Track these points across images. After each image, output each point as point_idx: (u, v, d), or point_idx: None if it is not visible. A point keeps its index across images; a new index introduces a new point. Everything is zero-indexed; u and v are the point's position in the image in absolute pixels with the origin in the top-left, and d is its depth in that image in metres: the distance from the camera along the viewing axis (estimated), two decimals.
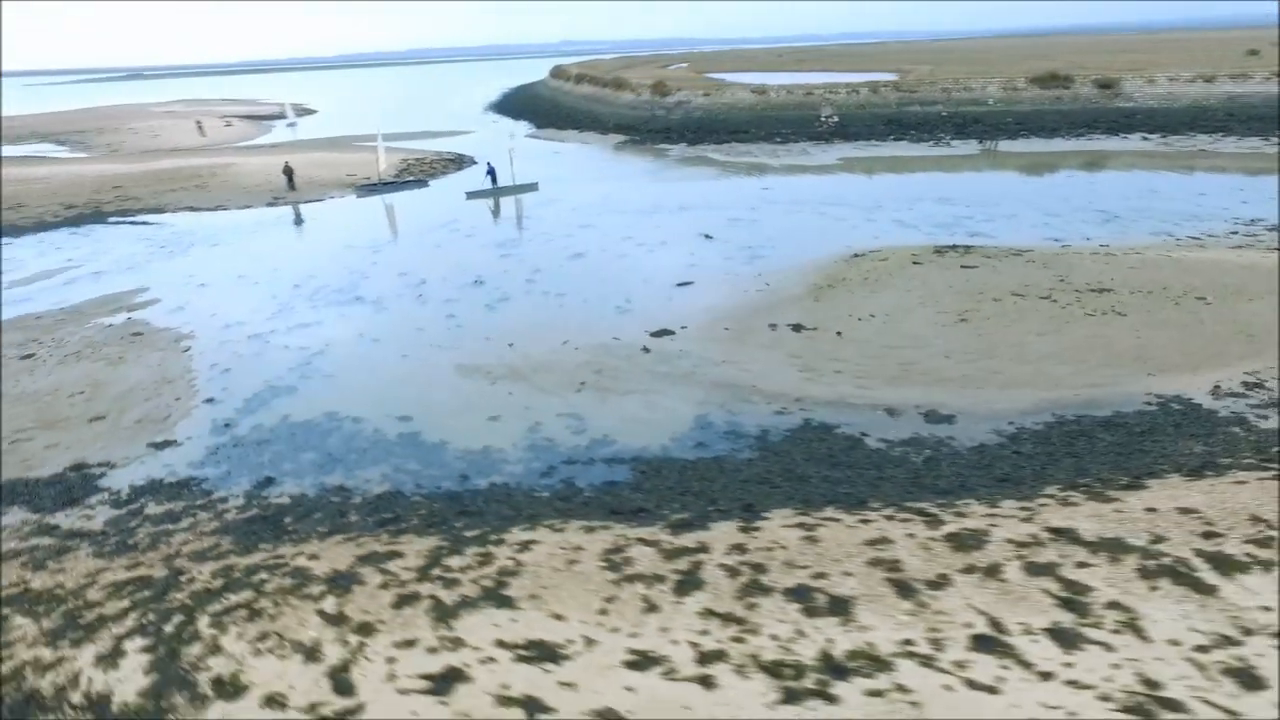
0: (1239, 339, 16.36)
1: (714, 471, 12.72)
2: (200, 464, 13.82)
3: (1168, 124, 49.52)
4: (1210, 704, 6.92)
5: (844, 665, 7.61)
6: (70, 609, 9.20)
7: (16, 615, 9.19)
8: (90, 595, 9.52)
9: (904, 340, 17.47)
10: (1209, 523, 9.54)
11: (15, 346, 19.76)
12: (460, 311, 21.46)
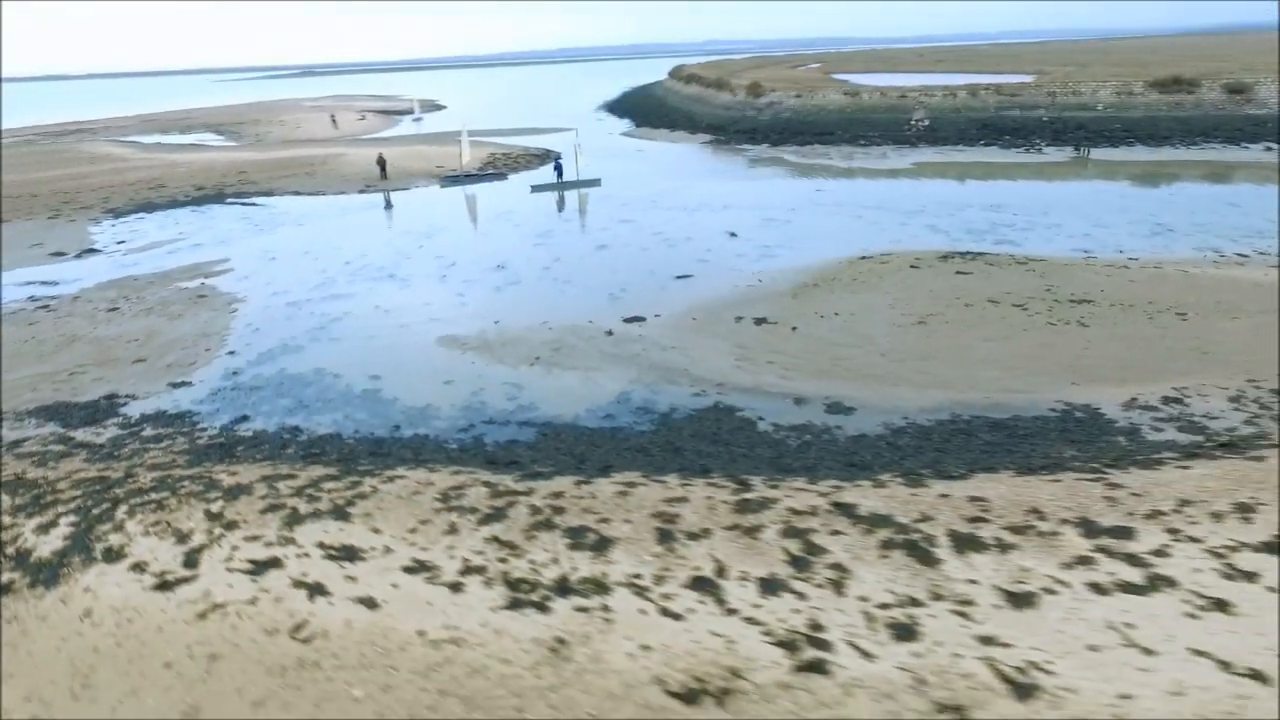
0: (1190, 355, 15.94)
1: (604, 439, 14.09)
2: (200, 401, 16.57)
3: None
4: (854, 646, 7.80)
5: (572, 587, 8.95)
6: (39, 493, 11.85)
7: (3, 494, 11.92)
8: (59, 486, 12.16)
9: (851, 338, 18.05)
10: (986, 510, 10.10)
11: (107, 301, 23.66)
12: (470, 291, 23.65)
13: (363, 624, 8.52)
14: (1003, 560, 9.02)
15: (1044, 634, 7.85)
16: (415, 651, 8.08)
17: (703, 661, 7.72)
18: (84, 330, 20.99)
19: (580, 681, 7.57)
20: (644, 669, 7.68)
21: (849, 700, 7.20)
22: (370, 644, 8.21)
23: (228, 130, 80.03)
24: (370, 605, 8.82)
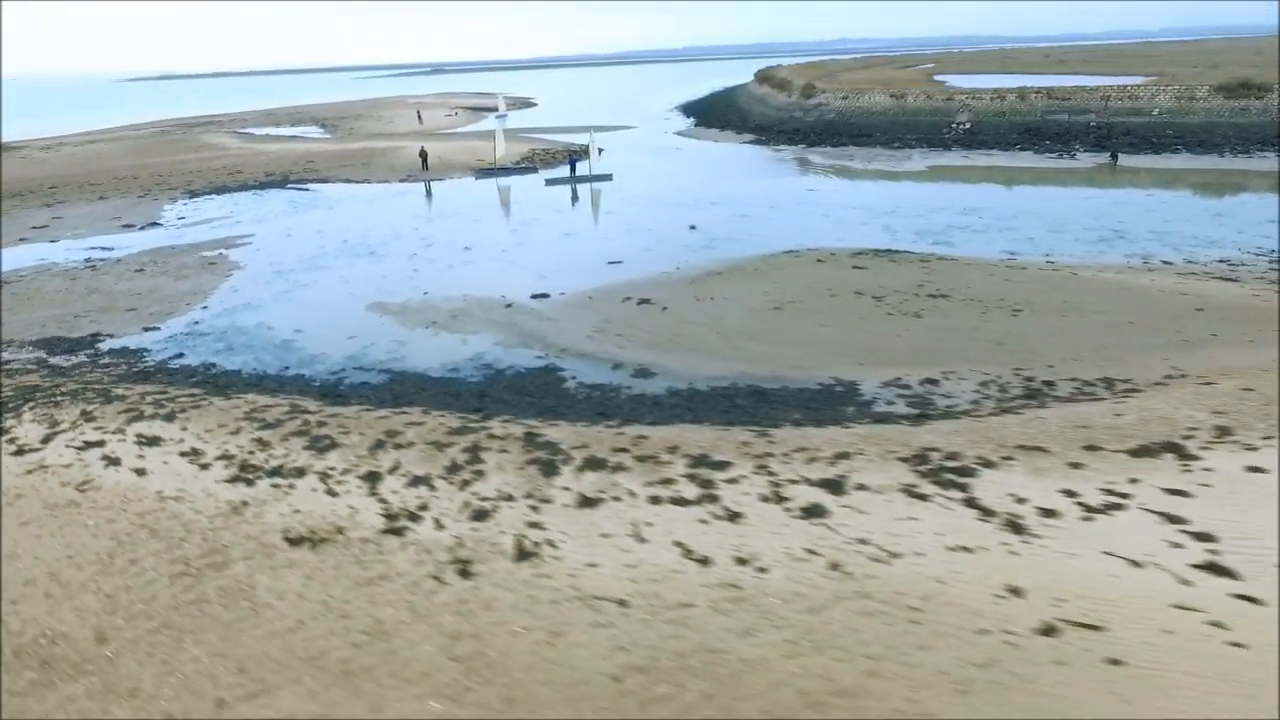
0: (986, 346, 17.08)
1: (435, 385, 16.87)
2: (156, 342, 20.51)
3: None
4: (437, 521, 10.29)
5: (280, 471, 11.82)
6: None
7: None
8: (7, 389, 16.11)
9: (704, 319, 20.04)
10: (639, 445, 12.23)
11: (139, 264, 28.42)
12: (426, 267, 26.92)
13: (126, 484, 11.69)
14: (606, 477, 11.20)
15: (578, 525, 10.07)
16: (145, 504, 11.16)
17: (324, 522, 10.41)
18: (106, 285, 25.64)
19: (232, 527, 10.42)
20: (281, 524, 10.44)
21: (400, 553, 9.72)
22: (120, 496, 11.36)
23: (330, 124, 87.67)
24: (140, 474, 11.99)
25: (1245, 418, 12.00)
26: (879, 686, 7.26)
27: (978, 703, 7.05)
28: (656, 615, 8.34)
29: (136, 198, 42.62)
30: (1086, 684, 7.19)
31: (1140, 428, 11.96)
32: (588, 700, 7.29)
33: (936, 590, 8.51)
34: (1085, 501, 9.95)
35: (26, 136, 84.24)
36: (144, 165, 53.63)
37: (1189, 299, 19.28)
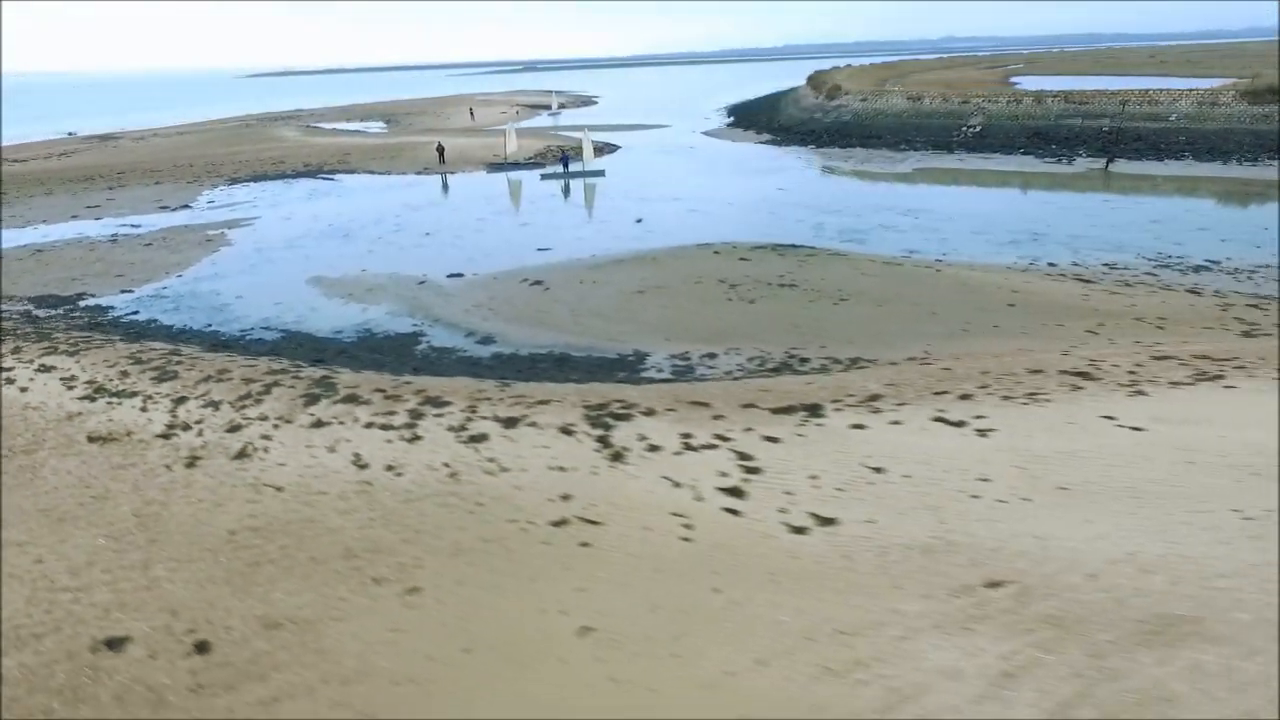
0: (785, 328, 18.94)
1: (310, 342, 20.03)
2: (125, 302, 24.49)
3: None
4: (200, 430, 13.34)
5: (120, 393, 15.15)
6: None
7: None
8: None
9: (572, 299, 22.51)
10: (406, 390, 14.98)
11: (151, 239, 32.91)
12: (382, 248, 30.27)
13: (9, 397, 15.24)
14: (348, 408, 13.99)
15: (297, 439, 12.89)
16: (13, 410, 14.64)
17: (122, 428, 13.61)
18: (113, 256, 30.10)
19: (57, 428, 13.74)
20: (93, 428, 13.69)
21: (156, 450, 12.78)
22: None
23: (392, 119, 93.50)
24: (23, 390, 15.55)
25: (906, 390, 13.77)
26: (403, 548, 9.78)
27: (462, 561, 9.49)
28: (295, 499, 11.07)
29: (185, 183, 48.00)
30: (552, 556, 9.52)
31: (810, 392, 13.89)
32: (201, 543, 10.09)
33: (508, 494, 10.93)
34: (691, 442, 12.10)
35: (138, 127, 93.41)
36: (204, 155, 59.65)
37: (1010, 295, 20.50)
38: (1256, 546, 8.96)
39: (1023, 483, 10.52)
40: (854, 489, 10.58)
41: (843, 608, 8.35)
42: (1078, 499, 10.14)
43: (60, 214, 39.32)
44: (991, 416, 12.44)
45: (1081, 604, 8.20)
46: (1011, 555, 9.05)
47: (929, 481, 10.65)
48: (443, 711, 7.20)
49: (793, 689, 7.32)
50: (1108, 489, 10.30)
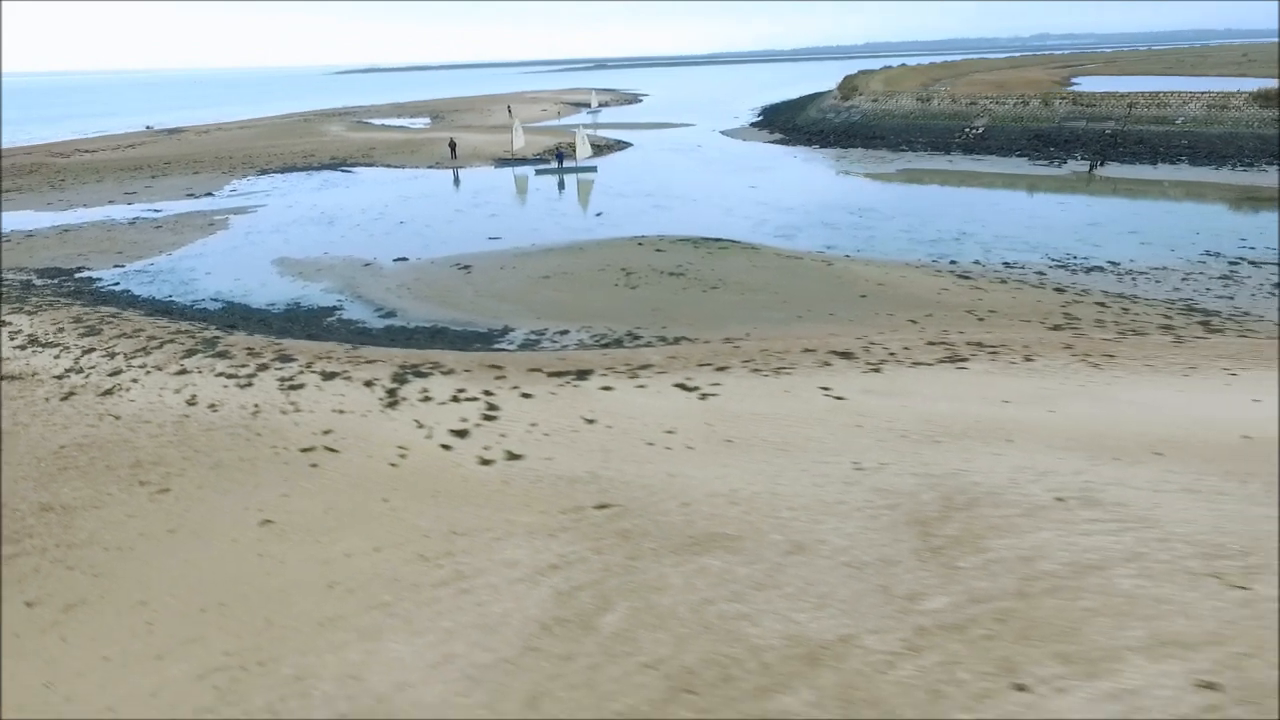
0: (643, 310, 20.83)
1: (244, 311, 22.92)
2: (111, 275, 28.01)
3: None
4: (91, 374, 16.24)
5: (48, 344, 18.22)
6: None
7: None
8: None
9: (484, 282, 24.85)
10: (267, 349, 17.59)
11: (163, 223, 36.78)
12: (354, 234, 33.23)
13: None
14: (213, 360, 16.66)
15: (159, 382, 15.60)
16: None
17: (30, 369, 16.60)
18: (123, 236, 33.94)
19: None
20: (10, 370, 16.75)
21: (46, 387, 15.68)
22: None
23: (439, 116, 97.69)
24: None
25: (678, 362, 15.62)
26: (179, 462, 12.27)
27: (215, 473, 11.91)
28: (124, 425, 13.73)
29: (220, 173, 52.38)
30: (282, 474, 11.86)
31: (596, 361, 15.87)
32: (34, 453, 12.80)
33: (285, 428, 13.33)
34: (459, 395, 14.28)
35: (209, 122, 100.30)
36: (248, 148, 64.41)
37: (872, 288, 21.85)
38: (842, 488, 10.61)
39: (699, 435, 12.32)
40: (558, 435, 12.57)
41: (471, 517, 10.41)
42: (734, 449, 11.90)
43: (99, 199, 43.83)
44: (725, 384, 14.19)
45: (657, 524, 10.07)
46: (636, 487, 10.93)
47: (623, 432, 12.55)
48: (135, 565, 9.61)
49: (385, 567, 9.46)
50: (766, 443, 12.02)
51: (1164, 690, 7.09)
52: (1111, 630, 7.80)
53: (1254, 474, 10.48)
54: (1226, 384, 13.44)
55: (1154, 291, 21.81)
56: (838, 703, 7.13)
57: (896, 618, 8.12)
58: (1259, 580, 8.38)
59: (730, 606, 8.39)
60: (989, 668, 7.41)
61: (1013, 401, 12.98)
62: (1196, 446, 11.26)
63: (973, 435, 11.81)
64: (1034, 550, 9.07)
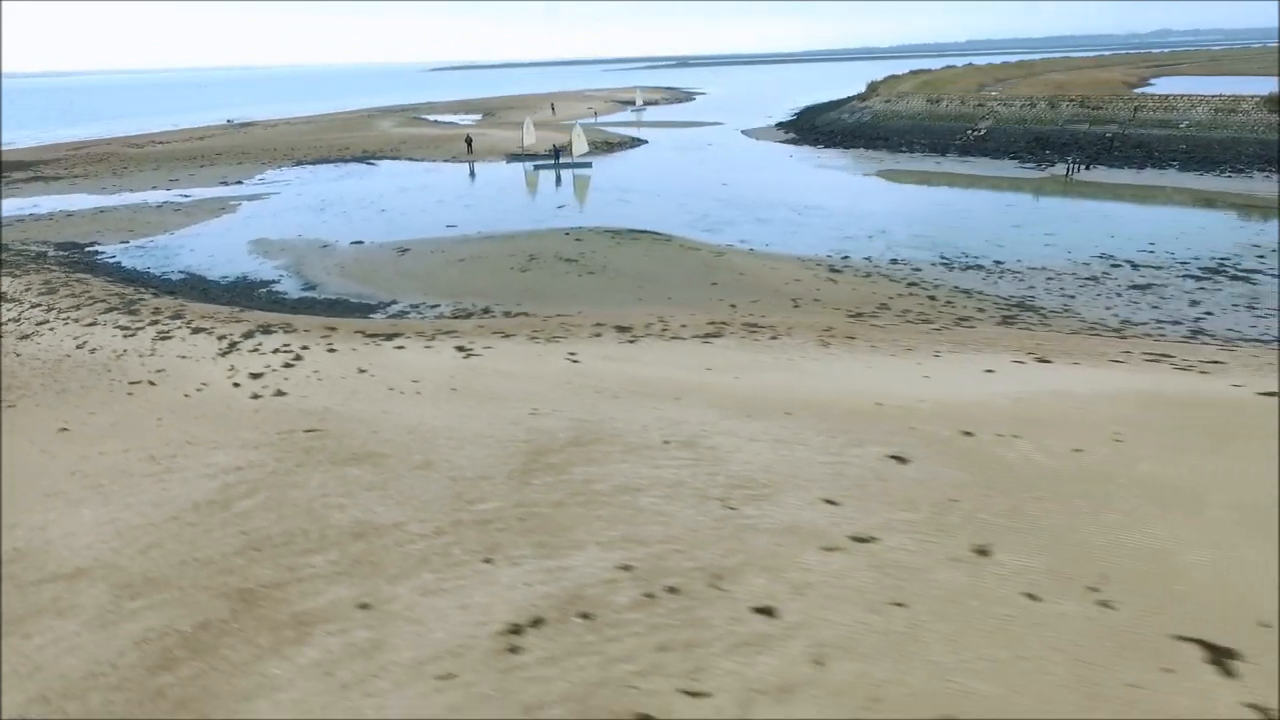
0: (516, 290, 23.35)
1: (196, 281, 26.59)
2: (113, 250, 32.33)
3: None
4: (41, 330, 19.98)
5: (15, 301, 22.14)
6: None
7: None
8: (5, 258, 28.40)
9: (409, 264, 27.76)
10: (178, 315, 20.96)
11: (182, 206, 41.41)
12: (335, 219, 36.84)
13: None
14: (119, 316, 20.11)
15: (72, 331, 19.11)
16: None
17: None
18: (143, 217, 38.57)
19: None
20: None
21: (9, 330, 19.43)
22: None
23: (492, 112, 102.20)
24: None
25: (482, 331, 18.08)
26: (37, 389, 15.54)
27: (58, 398, 15.12)
28: (17, 361, 17.17)
29: (260, 164, 57.46)
30: (103, 400, 14.95)
31: (418, 328, 18.50)
32: None
33: (131, 366, 16.47)
34: (280, 347, 17.14)
35: (283, 116, 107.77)
36: (297, 141, 69.83)
37: (733, 277, 23.73)
38: (505, 426, 12.91)
39: (435, 385, 14.79)
40: (329, 381, 15.26)
41: (211, 433, 13.20)
42: (454, 396, 14.33)
43: (145, 185, 49.17)
44: (496, 348, 16.62)
45: (339, 444, 12.62)
46: (350, 420, 13.50)
47: (380, 381, 15.14)
48: None
49: (121, 462, 12.33)
50: (483, 392, 14.39)
51: (592, 568, 9.18)
52: (596, 530, 9.91)
53: (850, 431, 12.21)
54: (919, 363, 14.97)
55: (1005, 289, 22.83)
56: (350, 562, 9.51)
57: (448, 513, 10.42)
58: (750, 505, 10.29)
59: (336, 500, 10.86)
60: (476, 546, 9.66)
61: (714, 369, 14.91)
62: (828, 409, 13.01)
63: (651, 393, 13.86)
64: (602, 476, 11.19)
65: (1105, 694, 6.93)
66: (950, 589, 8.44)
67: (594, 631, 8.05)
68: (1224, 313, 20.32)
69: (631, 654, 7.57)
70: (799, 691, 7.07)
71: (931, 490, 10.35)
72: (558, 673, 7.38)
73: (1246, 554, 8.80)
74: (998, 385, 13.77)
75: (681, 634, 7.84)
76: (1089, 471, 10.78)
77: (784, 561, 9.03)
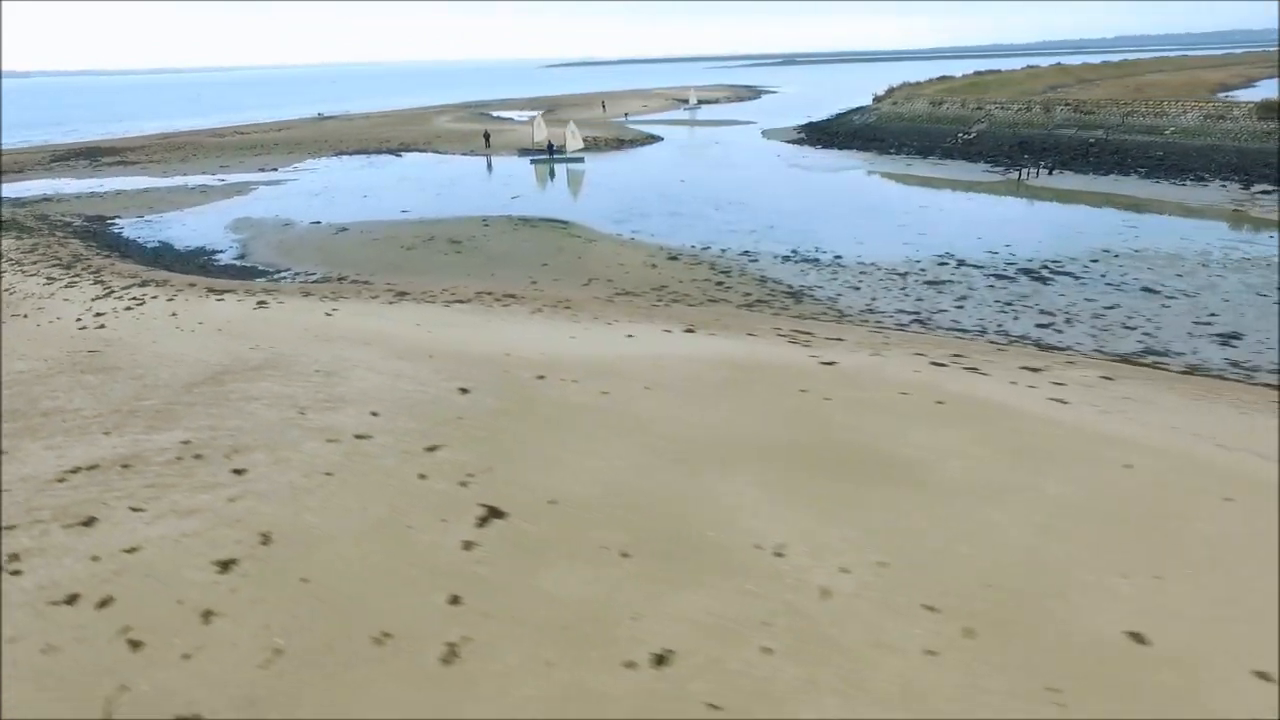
0: (385, 265, 27.42)
1: (167, 250, 32.16)
2: (125, 222, 38.67)
3: None
4: None
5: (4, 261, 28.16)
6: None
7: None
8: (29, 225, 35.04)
9: (335, 241, 32.45)
10: (117, 273, 26.28)
11: (208, 189, 47.95)
12: (317, 204, 42.09)
13: None
14: (60, 272, 25.52)
15: (51, 293, 24.65)
16: None
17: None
18: (171, 197, 45.13)
19: None
20: None
21: None
22: None
23: (551, 109, 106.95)
24: None
25: (297, 297, 22.25)
26: None
27: None
28: None
29: (305, 154, 64.27)
30: None
31: (259, 288, 22.87)
32: None
33: (17, 302, 21.57)
34: (142, 296, 21.85)
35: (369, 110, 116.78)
36: (353, 134, 76.85)
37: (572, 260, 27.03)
38: (213, 352, 16.94)
39: (212, 328, 18.99)
40: (143, 321, 19.74)
41: (24, 348, 17.85)
42: (211, 333, 18.48)
43: (197, 170, 56.45)
44: (287, 304, 20.72)
45: (98, 359, 17.00)
46: (122, 345, 17.86)
47: (176, 322, 19.51)
48: None
49: None
50: (227, 332, 18.47)
51: (160, 442, 13.03)
52: (195, 420, 13.74)
53: (458, 372, 15.52)
54: (587, 329, 18.00)
55: (803, 280, 24.87)
56: (25, 424, 13.71)
57: (116, 405, 14.51)
58: (317, 413, 13.86)
59: (54, 393, 15.16)
60: (109, 426, 13.68)
61: (422, 325, 18.45)
62: (464, 356, 16.34)
63: (353, 339, 17.55)
64: (245, 390, 14.99)
65: (412, 532, 10.07)
66: (377, 465, 11.77)
67: (127, 477, 11.84)
68: (976, 307, 21.92)
69: (136, 492, 11.27)
70: (202, 514, 10.60)
71: (460, 411, 13.59)
72: (98, 493, 11.23)
73: (623, 460, 11.71)
74: (622, 347, 16.69)
75: (181, 482, 11.48)
76: (590, 406, 13.74)
77: (289, 445, 12.57)
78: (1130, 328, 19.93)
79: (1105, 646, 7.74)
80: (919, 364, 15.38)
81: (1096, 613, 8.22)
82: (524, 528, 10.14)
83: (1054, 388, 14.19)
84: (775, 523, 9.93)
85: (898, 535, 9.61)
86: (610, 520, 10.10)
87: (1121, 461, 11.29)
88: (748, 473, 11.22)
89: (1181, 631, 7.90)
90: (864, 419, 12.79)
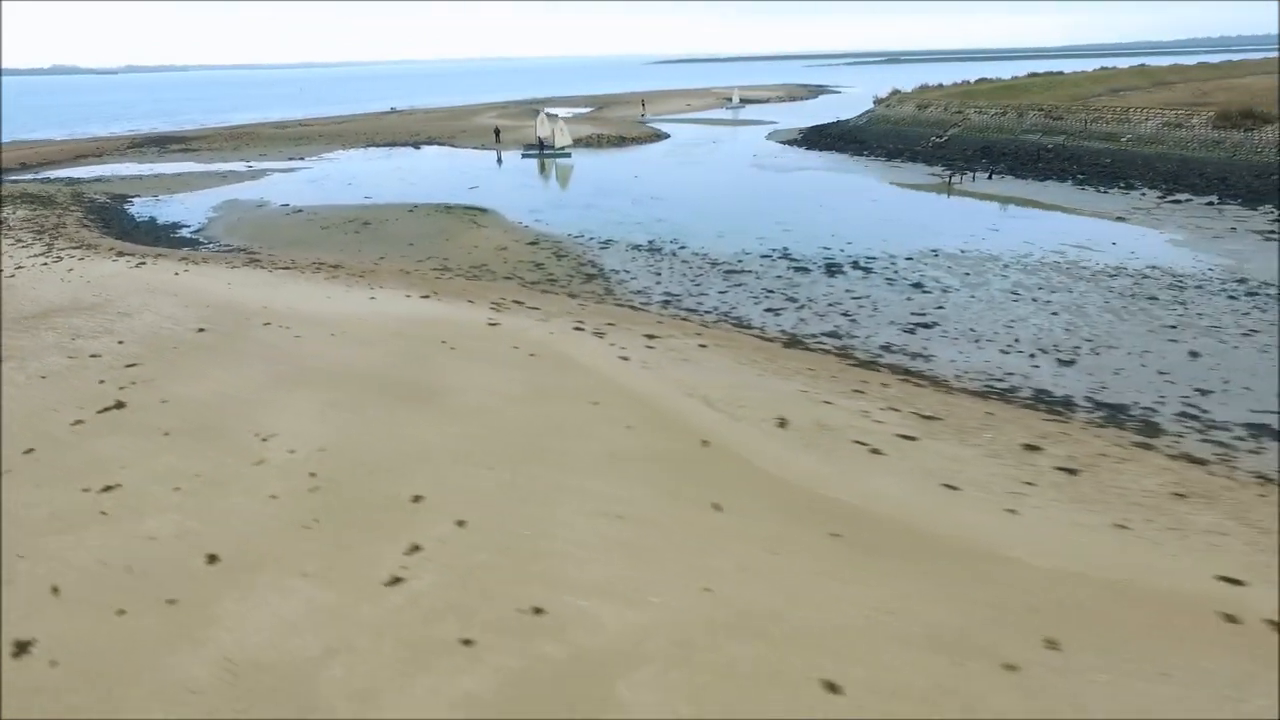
0: (290, 240, 32.38)
1: (149, 225, 38.36)
2: (138, 202, 45.46)
3: None
4: None
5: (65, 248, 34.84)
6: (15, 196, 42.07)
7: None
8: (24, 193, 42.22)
9: (280, 221, 37.84)
10: (91, 247, 32.36)
11: (230, 173, 54.77)
12: (306, 189, 47.84)
13: None
14: (42, 241, 31.71)
15: (42, 266, 30.97)
16: None
17: None
18: (193, 180, 51.95)
19: None
20: None
21: None
22: None
23: (600, 106, 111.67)
24: None
25: (199, 264, 27.34)
26: None
27: None
28: None
29: (337, 145, 70.94)
30: None
31: (202, 257, 28.16)
32: None
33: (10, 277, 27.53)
34: (84, 258, 27.47)
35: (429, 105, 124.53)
36: (394, 128, 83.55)
37: (465, 246, 31.10)
38: (71, 298, 22.01)
39: (101, 280, 24.12)
40: (48, 273, 25.12)
41: None
42: (96, 285, 23.58)
43: (238, 159, 63.70)
44: (192, 271, 25.65)
45: (5, 304, 22.37)
46: (15, 289, 23.20)
47: (71, 276, 24.74)
48: None
49: None
50: (110, 288, 23.51)
51: None
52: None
53: (216, 317, 19.87)
54: (347, 291, 22.01)
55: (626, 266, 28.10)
56: None
57: None
58: (76, 340, 18.52)
59: None
60: None
61: (233, 284, 22.88)
62: (237, 307, 20.68)
63: (169, 292, 22.22)
64: (61, 324, 19.83)
65: (52, 413, 14.51)
66: (83, 373, 16.22)
67: None
68: (735, 293, 24.60)
69: None
70: None
71: (178, 342, 17.92)
72: None
73: (248, 379, 15.75)
74: (355, 307, 20.67)
75: None
76: (274, 344, 17.77)
77: (37, 355, 17.19)
78: (845, 315, 22.22)
79: None
80: (565, 328, 18.58)
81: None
82: (129, 416, 14.28)
83: (641, 351, 17.17)
84: (283, 420, 13.69)
85: (396, 439, 13.19)
86: (186, 417, 14.10)
87: (590, 400, 14.39)
88: (319, 391, 14.98)
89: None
90: (452, 362, 16.29)
